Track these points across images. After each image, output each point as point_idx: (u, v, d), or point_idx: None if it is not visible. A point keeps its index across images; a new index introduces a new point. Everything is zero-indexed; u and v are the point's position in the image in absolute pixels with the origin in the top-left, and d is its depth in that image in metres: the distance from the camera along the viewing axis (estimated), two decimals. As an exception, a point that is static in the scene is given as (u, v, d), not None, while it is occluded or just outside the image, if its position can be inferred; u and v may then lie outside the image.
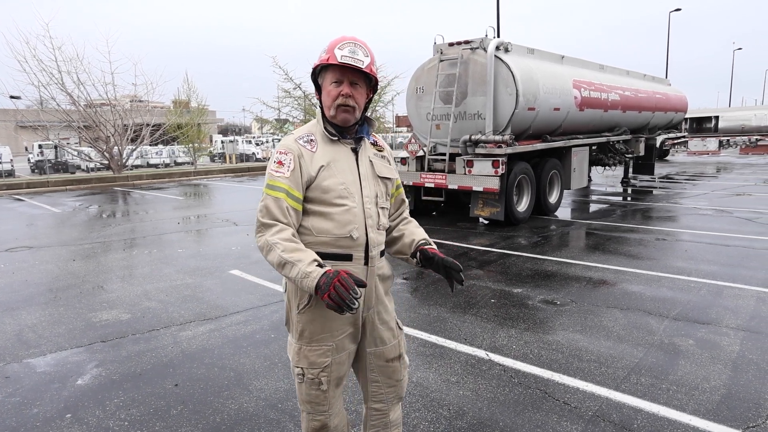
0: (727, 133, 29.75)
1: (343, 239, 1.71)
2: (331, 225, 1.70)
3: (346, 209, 1.71)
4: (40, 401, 3.00)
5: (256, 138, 39.44)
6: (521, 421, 2.69)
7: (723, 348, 3.51)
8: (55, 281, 5.56)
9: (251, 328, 4.05)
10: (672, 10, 30.49)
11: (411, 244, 1.89)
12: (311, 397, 1.79)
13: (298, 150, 1.71)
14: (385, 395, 1.94)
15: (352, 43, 1.70)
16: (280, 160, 1.69)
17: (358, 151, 1.80)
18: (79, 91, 18.76)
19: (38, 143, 25.53)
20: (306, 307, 1.73)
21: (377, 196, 1.80)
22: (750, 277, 5.10)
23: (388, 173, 1.87)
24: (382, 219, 1.82)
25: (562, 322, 4.08)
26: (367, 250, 1.75)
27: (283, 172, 1.67)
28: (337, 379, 1.80)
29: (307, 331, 1.74)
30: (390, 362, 1.90)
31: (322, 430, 1.83)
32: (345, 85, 1.70)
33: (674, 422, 2.63)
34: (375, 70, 1.76)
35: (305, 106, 22.77)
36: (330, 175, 1.70)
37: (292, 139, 1.74)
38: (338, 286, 1.48)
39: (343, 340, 1.78)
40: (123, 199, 13.46)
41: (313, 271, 1.53)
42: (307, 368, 1.76)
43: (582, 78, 9.73)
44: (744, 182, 13.89)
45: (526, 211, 8.62)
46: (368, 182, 1.78)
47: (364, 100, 1.77)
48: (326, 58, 1.69)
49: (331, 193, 1.69)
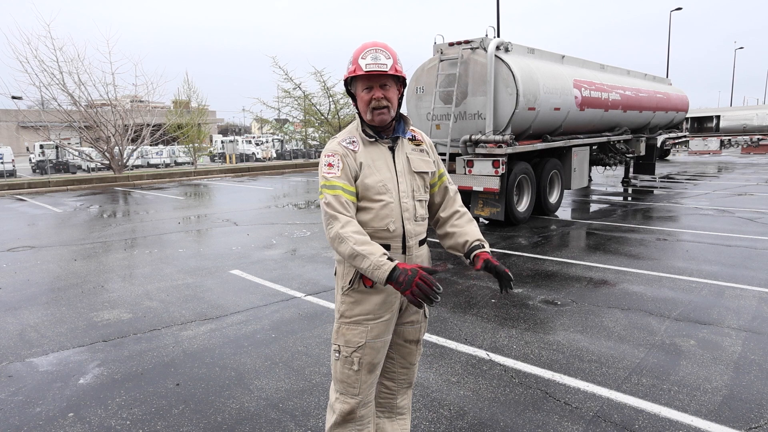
0: (729, 132, 29.70)
1: (382, 231, 1.86)
2: (369, 217, 1.85)
3: (383, 204, 1.85)
4: (42, 400, 3.01)
5: (255, 138, 39.45)
6: (522, 421, 2.69)
7: (725, 349, 3.50)
8: (56, 281, 5.57)
9: (252, 328, 4.06)
10: (673, 9, 30.45)
11: (465, 245, 1.97)
12: (344, 376, 1.91)
13: (343, 151, 1.86)
14: (396, 375, 2.10)
15: (374, 49, 1.84)
16: (330, 162, 1.84)
17: (395, 149, 1.93)
18: (80, 91, 18.78)
19: (39, 143, 25.59)
20: (349, 289, 1.87)
21: (414, 190, 1.94)
22: (752, 278, 5.10)
23: (424, 167, 1.98)
24: (420, 211, 1.95)
25: (563, 322, 4.08)
26: (404, 241, 1.90)
27: (334, 172, 1.82)
28: (370, 365, 1.91)
29: (348, 311, 1.90)
30: (408, 343, 2.05)
31: (349, 414, 1.93)
32: (375, 89, 1.84)
33: (676, 423, 2.63)
34: (400, 68, 1.88)
35: (305, 106, 22.77)
36: (370, 174, 1.86)
37: (336, 142, 1.90)
38: (421, 284, 1.59)
39: (380, 325, 1.89)
40: (124, 199, 13.47)
41: (384, 264, 1.65)
42: (343, 346, 1.90)
43: (582, 78, 9.72)
44: (746, 182, 13.88)
45: (526, 211, 8.61)
46: (404, 178, 1.92)
47: (397, 97, 1.90)
48: (353, 70, 1.85)
49: (371, 190, 1.85)
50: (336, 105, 22.23)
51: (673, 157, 25.98)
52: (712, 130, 29.59)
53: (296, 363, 3.43)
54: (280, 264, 6.07)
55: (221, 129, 56.15)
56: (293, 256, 6.49)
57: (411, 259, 1.92)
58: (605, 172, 14.11)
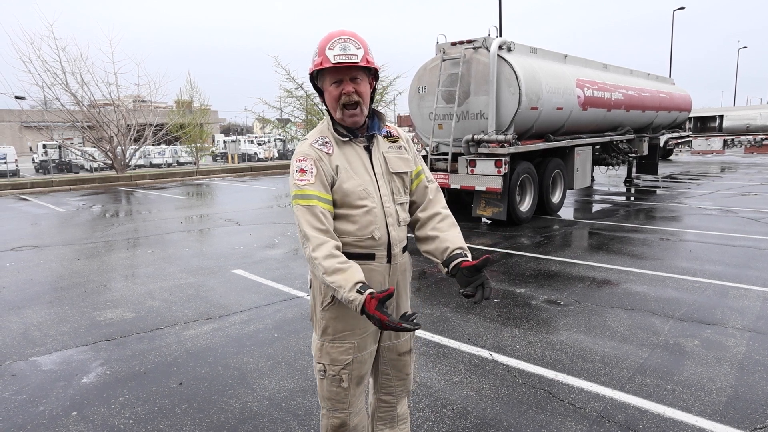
0: (732, 132, 29.61)
1: (366, 239, 1.72)
2: (353, 227, 1.71)
3: (366, 210, 1.71)
4: (46, 399, 3.01)
5: (258, 138, 39.47)
6: (525, 421, 2.68)
7: (729, 349, 3.49)
8: (59, 280, 5.58)
9: (255, 327, 4.06)
10: (676, 9, 30.38)
11: (444, 251, 1.78)
12: (332, 394, 1.81)
13: (316, 154, 1.69)
14: (394, 388, 1.99)
15: (342, 38, 1.65)
16: (302, 168, 1.67)
17: (371, 149, 1.78)
18: (83, 91, 18.84)
19: (42, 143, 25.65)
20: (330, 305, 1.75)
21: (394, 193, 1.80)
22: (756, 278, 5.08)
23: (403, 167, 1.83)
24: (402, 215, 1.82)
25: (566, 322, 4.06)
26: (389, 249, 1.77)
27: (307, 179, 1.66)
28: (358, 378, 1.82)
29: (330, 327, 1.77)
30: (402, 356, 1.95)
31: (341, 428, 1.84)
32: (345, 83, 1.67)
33: (680, 423, 2.62)
34: (372, 59, 1.71)
35: (307, 105, 22.78)
36: (348, 178, 1.70)
37: (307, 144, 1.73)
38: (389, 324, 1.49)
39: (366, 338, 1.80)
40: (126, 199, 13.50)
41: (354, 300, 1.53)
42: (329, 365, 1.78)
43: (585, 77, 9.70)
44: (749, 182, 13.82)
45: (528, 210, 8.60)
46: (383, 180, 1.77)
47: (369, 92, 1.73)
48: (319, 62, 1.67)
49: (352, 196, 1.69)
50: (338, 105, 22.20)
51: (676, 157, 25.90)
52: (715, 129, 29.51)
53: (299, 362, 3.42)
54: (283, 263, 6.07)
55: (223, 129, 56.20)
56: (295, 255, 6.49)
57: (395, 268, 1.80)
58: (608, 171, 14.07)
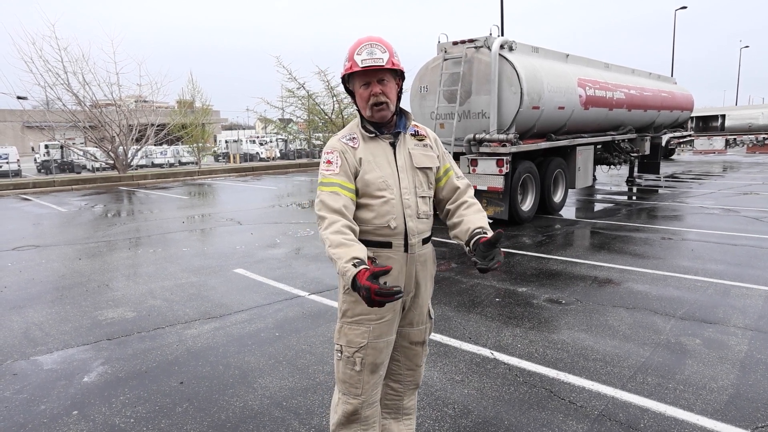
0: (734, 131, 29.56)
1: (383, 228, 1.84)
2: (371, 215, 1.83)
3: (384, 200, 1.83)
4: (47, 398, 3.02)
5: (260, 138, 39.49)
6: (526, 420, 2.68)
7: (731, 348, 3.48)
8: (61, 280, 5.59)
9: (256, 327, 4.06)
10: (678, 8, 30.33)
11: (466, 232, 1.88)
12: (346, 377, 1.90)
13: (342, 147, 1.85)
14: (403, 376, 2.08)
15: (369, 44, 1.81)
16: (329, 160, 1.83)
17: (396, 145, 1.91)
18: (85, 91, 18.88)
19: (44, 143, 25.69)
20: (350, 289, 1.80)
21: (416, 186, 1.90)
22: (758, 277, 5.06)
23: (427, 162, 1.94)
24: (422, 207, 1.91)
25: (568, 321, 4.06)
26: (406, 238, 1.86)
27: (333, 169, 1.81)
28: (372, 365, 1.88)
29: (349, 310, 1.87)
30: (413, 345, 2.03)
31: (353, 415, 1.90)
32: (373, 85, 1.82)
33: (682, 422, 2.61)
34: (397, 61, 1.85)
35: (309, 105, 22.79)
36: (370, 169, 1.83)
37: (336, 139, 1.89)
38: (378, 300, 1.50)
39: (382, 325, 1.87)
40: (128, 199, 13.52)
41: (348, 270, 1.58)
42: (345, 346, 1.88)
43: (587, 76, 9.69)
44: (751, 181, 13.79)
45: (530, 210, 8.59)
46: (406, 174, 1.88)
47: (396, 92, 1.88)
48: (349, 67, 1.83)
49: (372, 186, 1.82)
50: (340, 105, 22.25)
51: (678, 156, 25.85)
52: (717, 129, 29.46)
53: (300, 361, 3.43)
54: (284, 263, 6.08)
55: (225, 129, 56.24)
56: (297, 255, 6.50)
57: (413, 258, 1.89)
58: (610, 171, 14.05)
